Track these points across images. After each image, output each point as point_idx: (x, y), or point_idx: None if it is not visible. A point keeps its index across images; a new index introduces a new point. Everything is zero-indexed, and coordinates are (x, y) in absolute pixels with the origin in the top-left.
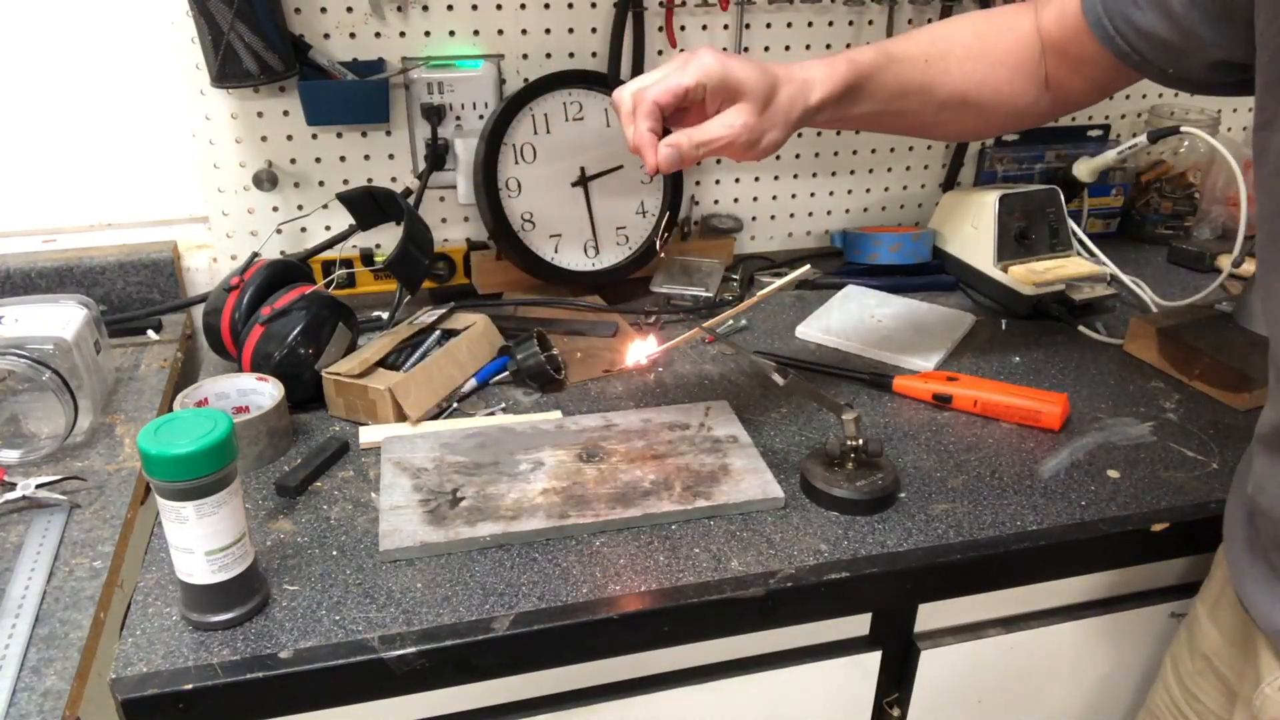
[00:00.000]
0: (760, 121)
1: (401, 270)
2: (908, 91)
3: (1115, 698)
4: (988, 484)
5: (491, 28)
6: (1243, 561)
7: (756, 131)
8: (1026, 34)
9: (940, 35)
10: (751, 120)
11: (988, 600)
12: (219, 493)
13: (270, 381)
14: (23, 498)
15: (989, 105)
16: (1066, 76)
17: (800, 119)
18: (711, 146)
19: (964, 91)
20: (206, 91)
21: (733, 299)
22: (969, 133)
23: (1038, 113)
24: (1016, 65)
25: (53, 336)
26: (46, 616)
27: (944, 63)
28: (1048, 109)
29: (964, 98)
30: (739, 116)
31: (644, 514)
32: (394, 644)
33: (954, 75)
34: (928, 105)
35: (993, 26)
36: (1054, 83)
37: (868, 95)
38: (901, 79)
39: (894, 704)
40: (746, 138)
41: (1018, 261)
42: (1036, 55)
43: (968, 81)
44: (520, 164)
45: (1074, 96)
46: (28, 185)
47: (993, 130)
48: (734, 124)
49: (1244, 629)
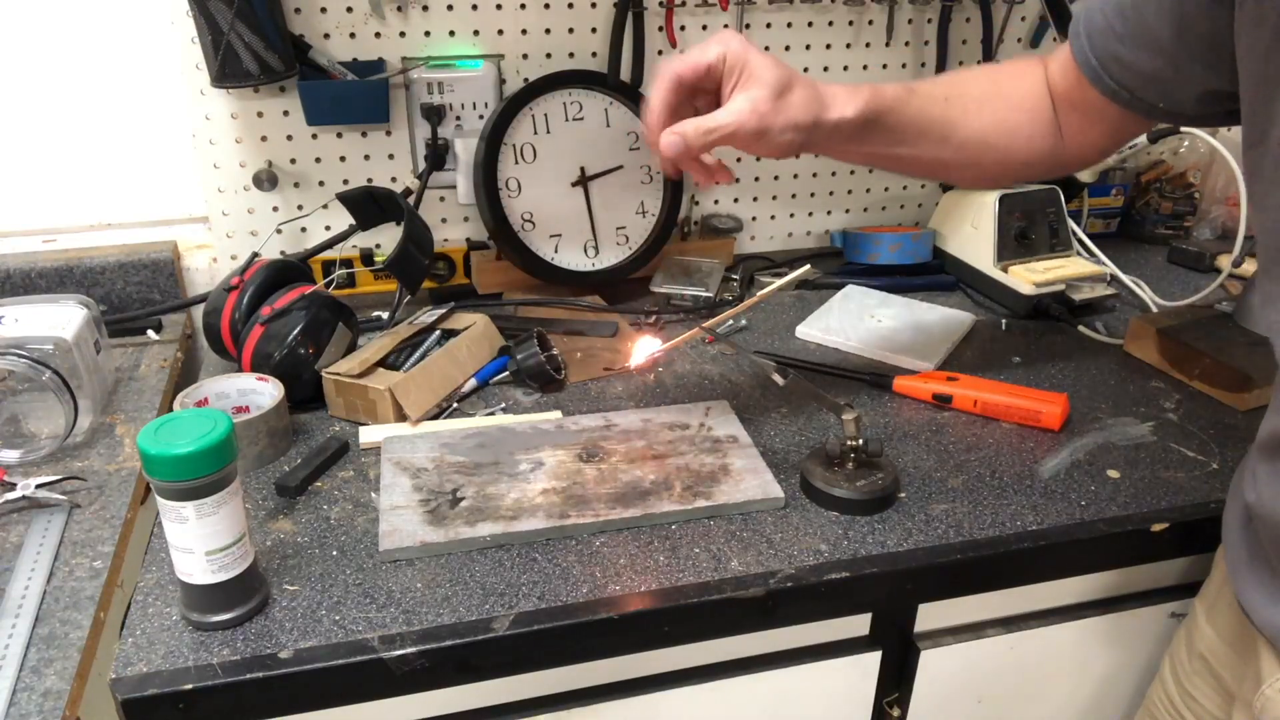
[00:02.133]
0: (771, 111)
1: (401, 270)
2: (928, 129)
3: (1115, 697)
4: (988, 484)
5: (491, 28)
6: (1241, 564)
7: (766, 120)
8: (1038, 82)
9: (959, 79)
10: (762, 107)
11: (988, 600)
12: (219, 493)
13: (270, 381)
14: (23, 498)
15: (1006, 149)
16: (1076, 125)
17: (814, 127)
18: (718, 133)
19: (982, 133)
20: (206, 91)
21: (733, 299)
22: (988, 177)
23: (1058, 162)
24: (1032, 111)
25: (53, 336)
26: (46, 616)
27: (963, 102)
28: (1068, 160)
29: (983, 138)
30: (748, 102)
31: (644, 514)
32: (394, 644)
33: (972, 116)
34: (947, 145)
35: (1006, 73)
36: (1067, 132)
37: (888, 128)
38: (922, 115)
39: (894, 704)
40: (755, 125)
41: (1018, 261)
42: (1048, 104)
43: (986, 123)
44: (520, 164)
45: (1088, 147)
46: (28, 185)
47: (1010, 176)
48: (742, 109)
49: (1242, 630)
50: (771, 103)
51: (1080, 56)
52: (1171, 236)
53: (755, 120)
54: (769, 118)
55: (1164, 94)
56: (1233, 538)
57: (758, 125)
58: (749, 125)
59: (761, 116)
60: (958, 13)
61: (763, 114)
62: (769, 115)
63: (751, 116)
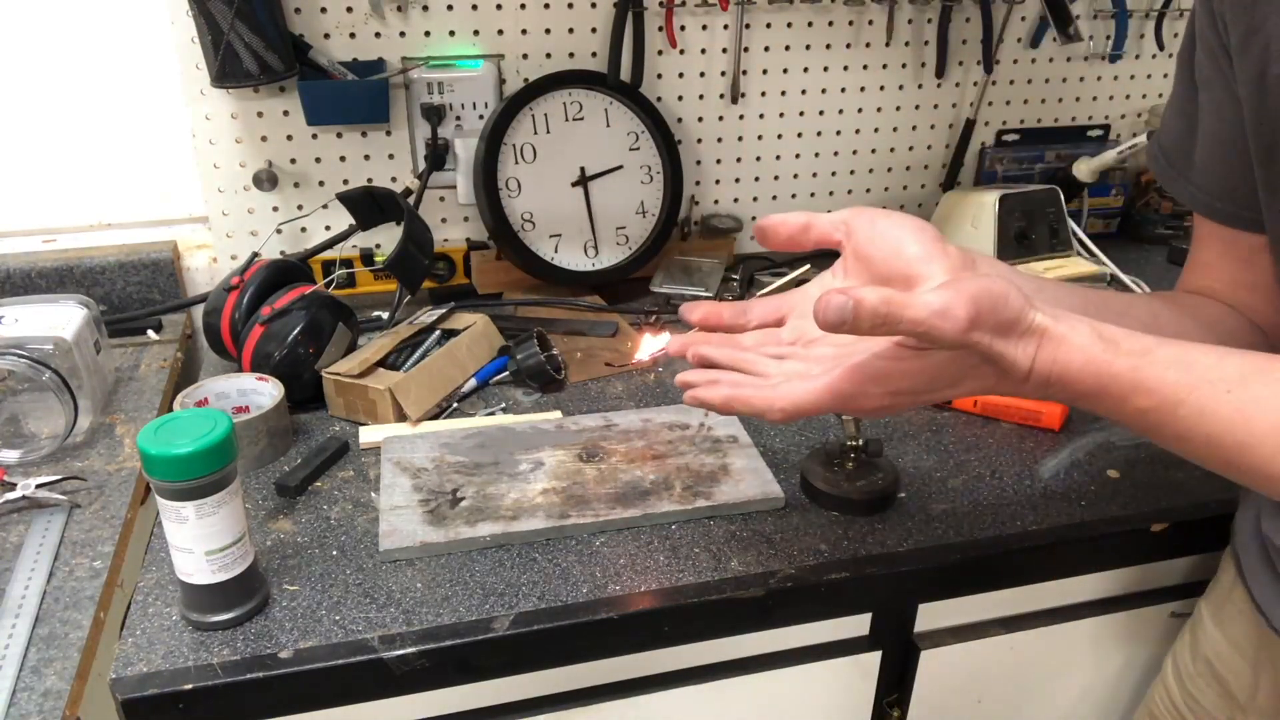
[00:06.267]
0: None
1: (401, 270)
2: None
3: (1115, 697)
4: (988, 484)
5: (491, 28)
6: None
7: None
8: (1185, 298)
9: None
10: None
11: (988, 600)
12: (219, 493)
13: (270, 381)
14: (23, 498)
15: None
16: (1247, 292)
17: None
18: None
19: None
20: (206, 91)
21: (733, 299)
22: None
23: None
24: (1217, 322)
25: (53, 336)
26: (46, 616)
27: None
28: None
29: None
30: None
31: (644, 514)
32: (394, 644)
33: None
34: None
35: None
36: (1247, 307)
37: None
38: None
39: (894, 704)
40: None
41: (1018, 261)
42: (1224, 310)
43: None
44: (520, 164)
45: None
46: (28, 185)
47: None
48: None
49: (1255, 635)
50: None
51: (1207, 209)
52: (1171, 236)
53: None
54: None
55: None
56: (1246, 543)
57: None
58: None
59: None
60: (958, 13)
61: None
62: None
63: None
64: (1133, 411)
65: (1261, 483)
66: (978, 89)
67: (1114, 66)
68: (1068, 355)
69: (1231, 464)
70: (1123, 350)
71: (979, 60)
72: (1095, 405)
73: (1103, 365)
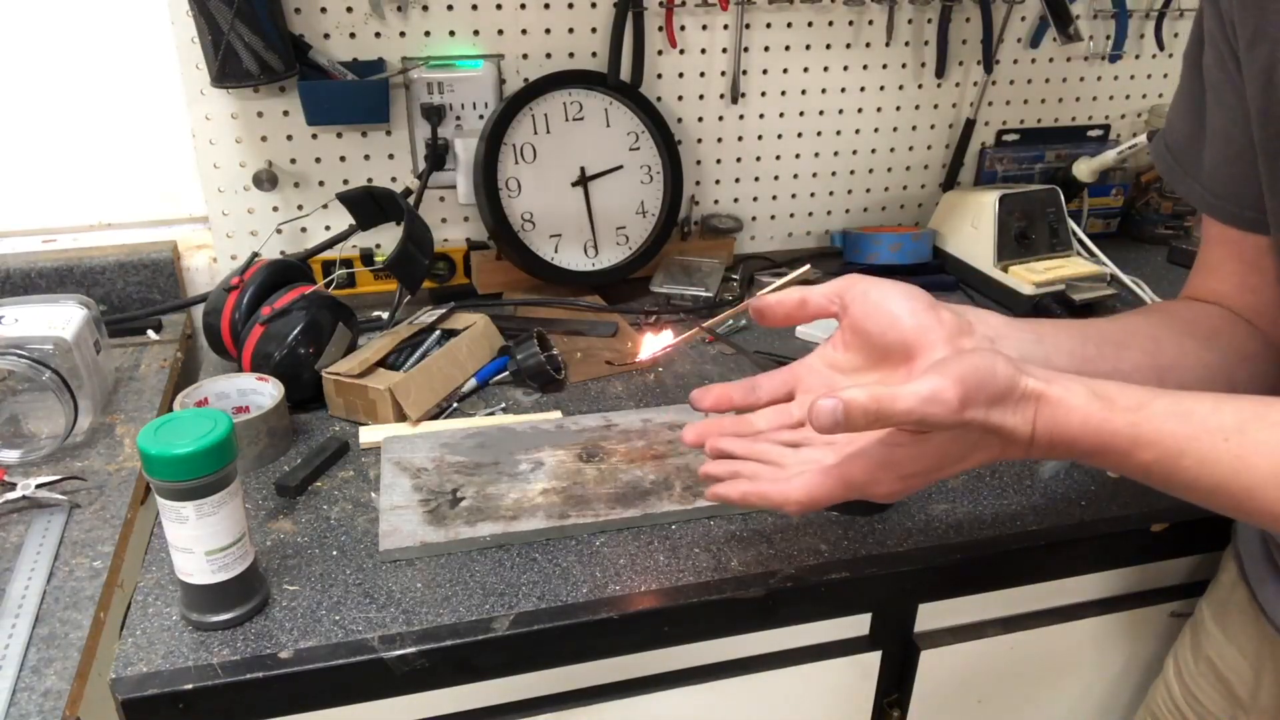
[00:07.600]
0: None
1: (401, 270)
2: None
3: (1115, 697)
4: (988, 484)
5: (491, 28)
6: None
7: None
8: (1185, 306)
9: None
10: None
11: (988, 600)
12: (219, 493)
13: (270, 381)
14: (23, 498)
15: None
16: (1253, 294)
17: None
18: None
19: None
20: (206, 91)
21: (733, 299)
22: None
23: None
24: (1212, 334)
25: (53, 336)
26: (46, 616)
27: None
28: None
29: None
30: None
31: (644, 514)
32: (394, 644)
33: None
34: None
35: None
36: (1253, 310)
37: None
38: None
39: (894, 704)
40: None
41: (1018, 261)
42: (1227, 320)
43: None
44: (520, 164)
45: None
46: (27, 185)
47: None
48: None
49: (1257, 634)
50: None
51: (1219, 212)
52: (1171, 236)
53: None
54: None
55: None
56: (1247, 539)
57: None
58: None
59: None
60: (958, 13)
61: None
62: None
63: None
64: (1137, 465)
65: (1271, 523)
66: (978, 89)
67: (1114, 66)
68: (1066, 417)
69: (1240, 508)
70: (1119, 406)
71: (979, 60)
72: (1101, 462)
73: (1101, 423)
